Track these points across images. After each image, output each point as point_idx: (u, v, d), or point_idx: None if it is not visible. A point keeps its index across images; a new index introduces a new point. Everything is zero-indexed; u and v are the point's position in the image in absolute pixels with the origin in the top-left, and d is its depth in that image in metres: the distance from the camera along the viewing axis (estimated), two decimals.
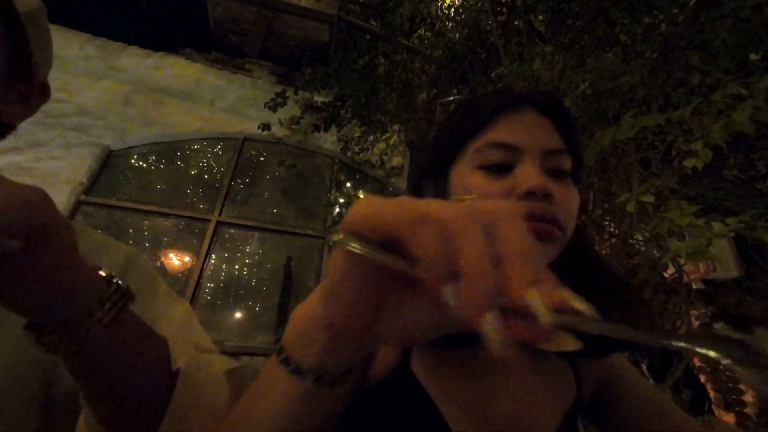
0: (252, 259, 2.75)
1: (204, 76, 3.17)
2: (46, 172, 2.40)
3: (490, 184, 0.42)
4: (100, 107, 2.74)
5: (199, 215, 2.69)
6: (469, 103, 0.50)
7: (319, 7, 3.19)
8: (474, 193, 0.42)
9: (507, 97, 0.46)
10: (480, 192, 0.41)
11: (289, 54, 3.57)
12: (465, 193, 0.44)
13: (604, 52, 1.72)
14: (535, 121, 0.44)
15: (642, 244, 1.74)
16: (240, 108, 3.15)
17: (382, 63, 3.15)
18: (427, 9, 3.02)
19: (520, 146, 0.42)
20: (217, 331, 2.45)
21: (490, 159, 0.42)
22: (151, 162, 2.79)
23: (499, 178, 0.42)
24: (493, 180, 0.42)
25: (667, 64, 1.45)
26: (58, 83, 2.70)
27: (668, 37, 1.50)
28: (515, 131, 0.43)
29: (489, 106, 0.45)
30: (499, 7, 2.32)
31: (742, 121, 0.96)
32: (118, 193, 2.59)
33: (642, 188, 1.13)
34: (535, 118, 0.45)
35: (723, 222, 1.01)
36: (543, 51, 1.69)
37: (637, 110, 1.23)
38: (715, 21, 1.34)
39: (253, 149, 3.11)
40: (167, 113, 2.91)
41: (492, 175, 0.42)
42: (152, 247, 2.53)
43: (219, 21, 3.36)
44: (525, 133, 0.43)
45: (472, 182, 0.43)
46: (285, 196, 3.04)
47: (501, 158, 0.42)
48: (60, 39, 2.84)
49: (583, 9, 1.91)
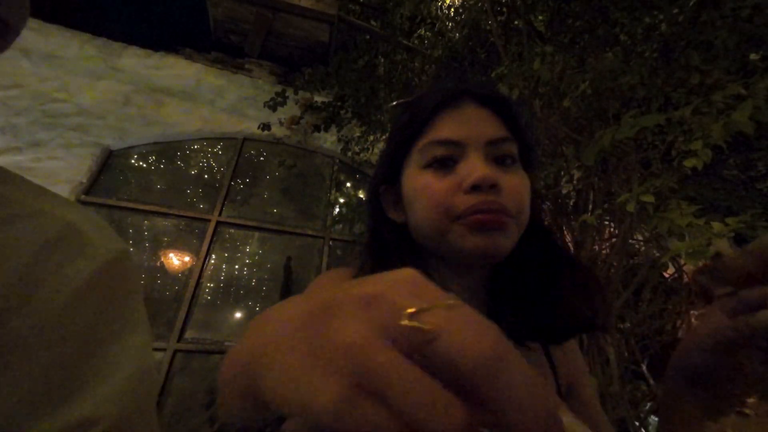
0: (252, 259, 2.75)
1: (204, 76, 3.17)
2: (46, 172, 2.40)
3: (438, 182, 0.42)
4: (100, 107, 2.74)
5: (199, 215, 2.69)
6: (411, 104, 0.50)
7: (319, 7, 3.19)
8: (424, 192, 0.43)
9: (445, 93, 0.46)
10: (429, 190, 0.42)
11: (289, 54, 3.57)
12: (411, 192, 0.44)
13: (604, 52, 1.72)
14: (476, 113, 0.45)
15: (642, 244, 1.74)
16: (240, 108, 3.15)
17: (382, 63, 3.15)
18: (427, 9, 3.02)
19: (462, 140, 0.43)
20: (217, 331, 2.45)
21: (435, 156, 0.43)
22: (151, 162, 2.79)
23: (447, 175, 0.42)
24: (440, 177, 0.42)
25: (667, 64, 1.45)
26: (58, 83, 2.70)
27: (668, 37, 1.50)
28: (456, 126, 0.44)
29: (429, 104, 0.46)
30: (499, 7, 2.32)
31: (742, 121, 0.96)
32: (118, 193, 2.59)
33: (642, 188, 1.13)
34: (476, 111, 0.45)
35: (723, 222, 1.01)
36: (543, 51, 1.69)
37: (637, 110, 1.23)
38: (715, 21, 1.34)
39: (253, 149, 3.11)
40: (167, 113, 2.90)
41: (439, 172, 0.43)
42: (152, 247, 2.53)
43: (219, 21, 3.36)
44: (466, 127, 0.44)
45: (420, 182, 0.43)
46: (285, 196, 3.04)
47: (445, 154, 0.43)
48: (60, 39, 2.84)
49: (583, 9, 1.91)
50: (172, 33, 4.61)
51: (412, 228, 0.47)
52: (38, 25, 2.82)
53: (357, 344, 0.13)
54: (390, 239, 0.48)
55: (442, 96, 0.46)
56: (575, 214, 1.79)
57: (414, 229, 0.46)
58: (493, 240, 0.40)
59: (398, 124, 0.51)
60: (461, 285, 0.47)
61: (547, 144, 1.85)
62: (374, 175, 0.53)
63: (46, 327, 0.29)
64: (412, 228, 0.47)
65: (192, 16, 4.41)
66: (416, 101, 0.50)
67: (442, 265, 0.47)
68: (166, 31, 5.54)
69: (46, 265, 0.30)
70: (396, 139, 0.49)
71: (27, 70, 2.65)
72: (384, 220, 0.50)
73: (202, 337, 2.39)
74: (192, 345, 2.32)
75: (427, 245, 0.46)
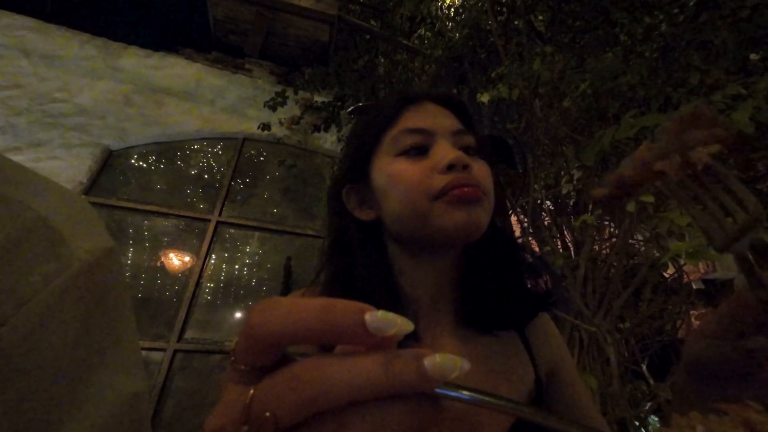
0: (252, 259, 2.75)
1: (204, 76, 3.17)
2: (46, 172, 2.39)
3: (413, 166, 0.44)
4: (100, 107, 2.74)
5: (199, 215, 2.69)
6: (373, 106, 0.54)
7: (319, 7, 3.19)
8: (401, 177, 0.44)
9: (408, 93, 0.51)
10: (405, 174, 0.44)
11: (289, 54, 3.57)
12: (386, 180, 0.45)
13: (604, 52, 1.72)
14: (437, 109, 0.50)
15: (642, 244, 1.74)
16: (240, 108, 3.15)
17: (382, 63, 3.15)
18: (427, 9, 3.01)
19: (432, 129, 0.46)
20: (217, 331, 2.45)
21: (408, 143, 0.46)
22: (151, 162, 2.79)
23: (420, 160, 0.45)
24: (414, 162, 0.45)
25: (667, 64, 1.45)
26: (58, 83, 2.70)
27: (668, 37, 1.50)
28: (424, 118, 0.48)
29: (394, 102, 0.50)
30: (499, 7, 2.32)
31: (742, 121, 0.96)
32: (118, 193, 2.59)
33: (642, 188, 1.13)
34: (436, 108, 0.50)
35: None
36: (543, 51, 1.69)
37: (637, 110, 1.23)
38: (715, 21, 1.34)
39: (253, 149, 3.11)
40: (167, 113, 2.90)
41: (412, 158, 0.45)
42: (152, 247, 2.53)
43: (219, 21, 3.36)
44: (432, 119, 0.48)
45: (396, 168, 0.45)
46: (285, 196, 3.03)
47: (417, 141, 0.46)
48: (60, 39, 2.84)
49: (583, 9, 1.91)
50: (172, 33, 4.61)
51: (388, 218, 0.47)
52: (38, 25, 2.82)
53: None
54: (358, 239, 0.49)
55: (405, 96, 0.50)
56: (575, 214, 1.79)
57: (390, 219, 0.47)
58: (475, 213, 0.42)
59: (363, 123, 0.53)
60: (428, 281, 0.48)
61: (547, 144, 1.85)
62: (337, 178, 0.54)
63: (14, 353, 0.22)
64: (388, 218, 0.47)
65: (192, 16, 4.42)
66: (377, 103, 0.53)
67: (410, 260, 0.48)
68: (166, 31, 5.54)
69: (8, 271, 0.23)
70: (362, 136, 0.51)
71: (27, 70, 2.65)
72: (350, 221, 0.50)
73: (202, 337, 2.39)
74: (192, 345, 2.32)
75: (404, 234, 0.46)
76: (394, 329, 0.14)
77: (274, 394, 0.14)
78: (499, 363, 0.46)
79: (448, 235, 0.43)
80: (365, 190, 0.49)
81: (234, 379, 0.16)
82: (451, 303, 0.48)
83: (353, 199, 0.50)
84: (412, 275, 0.48)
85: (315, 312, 0.14)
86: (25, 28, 2.78)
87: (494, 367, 0.45)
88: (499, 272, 0.49)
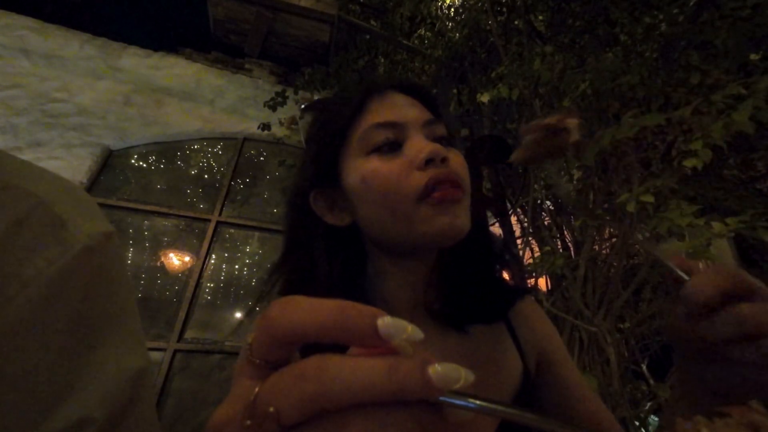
0: (252, 259, 2.75)
1: (204, 76, 3.17)
2: None
3: (388, 164, 0.41)
4: (100, 107, 2.74)
5: (199, 215, 2.69)
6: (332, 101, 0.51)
7: (319, 7, 3.19)
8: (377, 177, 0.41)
9: (370, 85, 0.47)
10: (381, 175, 0.41)
11: (289, 54, 3.57)
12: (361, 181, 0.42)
13: (604, 52, 1.72)
14: (403, 99, 0.46)
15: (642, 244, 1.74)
16: (240, 108, 3.15)
17: (382, 63, 3.15)
18: (427, 9, 3.01)
19: (402, 122, 0.43)
20: (217, 331, 2.45)
21: (379, 139, 0.42)
22: (151, 162, 2.79)
23: (394, 157, 0.42)
24: (389, 159, 0.42)
25: (667, 64, 1.45)
26: (58, 83, 2.70)
27: (668, 37, 1.50)
28: (392, 110, 0.44)
29: (356, 96, 0.46)
30: (499, 7, 2.32)
31: (742, 121, 0.96)
32: (118, 193, 2.59)
33: (642, 188, 1.13)
34: (402, 97, 0.47)
35: (723, 222, 1.01)
36: (543, 51, 1.69)
37: (637, 110, 1.23)
38: (715, 21, 1.34)
39: (253, 149, 3.11)
40: (167, 113, 2.90)
41: (385, 155, 0.42)
42: (152, 247, 2.53)
43: (219, 21, 3.36)
44: (401, 111, 0.44)
45: (369, 168, 0.42)
46: (285, 196, 3.03)
47: (389, 136, 0.43)
48: (60, 39, 2.84)
49: (583, 9, 1.91)
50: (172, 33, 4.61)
51: (365, 222, 0.44)
52: (38, 25, 2.82)
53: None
54: (329, 245, 0.46)
55: (368, 87, 0.47)
56: (575, 214, 1.79)
57: (367, 223, 0.44)
58: (458, 217, 0.41)
59: (323, 120, 0.49)
60: (408, 281, 0.47)
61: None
62: (299, 183, 0.50)
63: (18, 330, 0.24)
64: (365, 222, 0.44)
65: (192, 16, 4.42)
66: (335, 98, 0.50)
67: (390, 263, 0.46)
68: (166, 31, 5.54)
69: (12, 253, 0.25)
70: (324, 135, 0.47)
71: (27, 70, 2.65)
72: (318, 227, 0.47)
73: (202, 337, 2.39)
74: (192, 345, 2.32)
75: (383, 238, 0.44)
76: (404, 335, 0.15)
77: (278, 390, 0.14)
78: (484, 358, 0.45)
79: (433, 240, 0.41)
80: (335, 193, 0.46)
81: (246, 372, 0.16)
82: (430, 302, 0.47)
83: (322, 205, 0.47)
84: (392, 277, 0.47)
85: (331, 312, 0.15)
86: (25, 28, 2.78)
87: (479, 363, 0.44)
88: (474, 266, 0.48)
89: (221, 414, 0.16)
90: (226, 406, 0.16)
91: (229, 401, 0.16)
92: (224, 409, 0.16)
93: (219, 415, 0.16)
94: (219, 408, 0.16)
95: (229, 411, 0.15)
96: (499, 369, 0.45)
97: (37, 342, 0.25)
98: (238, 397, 0.16)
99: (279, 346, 0.16)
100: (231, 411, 0.15)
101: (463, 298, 0.46)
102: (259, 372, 0.16)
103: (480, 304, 0.47)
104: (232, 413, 0.15)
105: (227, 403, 0.16)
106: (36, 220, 0.27)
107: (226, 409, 0.16)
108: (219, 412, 0.16)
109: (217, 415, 0.16)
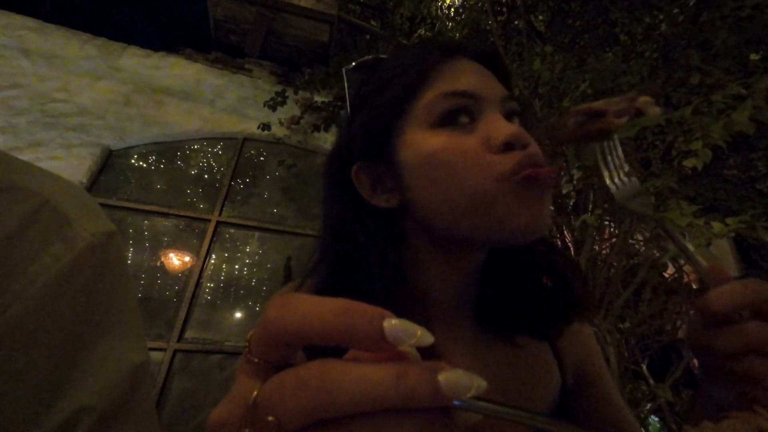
0: (252, 259, 2.75)
1: (204, 76, 3.17)
2: None
3: (458, 142, 0.35)
4: (100, 107, 2.74)
5: (199, 215, 2.69)
6: (391, 61, 0.42)
7: (319, 7, 3.19)
8: (449, 153, 0.35)
9: (439, 46, 0.40)
10: (449, 153, 0.35)
11: (289, 54, 3.57)
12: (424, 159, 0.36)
13: (604, 52, 1.72)
14: (476, 67, 0.39)
15: (642, 244, 1.74)
16: (240, 108, 3.15)
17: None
18: (427, 9, 3.02)
19: (479, 94, 0.36)
20: (217, 331, 2.45)
21: (449, 111, 0.36)
22: (151, 162, 2.79)
23: (467, 134, 0.35)
24: (460, 136, 0.35)
25: (667, 64, 1.45)
26: (58, 83, 2.70)
27: (668, 37, 1.50)
28: (466, 78, 0.37)
29: (423, 57, 0.38)
30: (499, 7, 2.32)
31: (742, 121, 0.96)
32: (118, 193, 2.59)
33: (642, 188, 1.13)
34: (474, 65, 0.39)
35: (723, 222, 1.01)
36: (543, 51, 1.69)
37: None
38: (715, 21, 1.34)
39: (253, 149, 3.11)
40: (167, 113, 2.90)
41: (457, 131, 0.36)
42: (152, 247, 2.53)
43: (219, 21, 3.36)
44: (477, 80, 0.37)
45: (436, 143, 0.35)
46: (285, 196, 3.03)
47: (462, 109, 0.36)
48: (60, 39, 2.84)
49: (583, 9, 1.91)
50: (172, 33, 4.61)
51: (422, 205, 0.37)
52: (38, 25, 2.82)
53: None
54: (370, 229, 0.39)
55: (436, 49, 0.39)
56: (575, 214, 1.79)
57: (425, 207, 0.37)
58: (545, 210, 0.35)
59: (377, 82, 0.41)
60: (454, 279, 0.41)
61: (546, 144, 1.85)
62: (340, 153, 0.42)
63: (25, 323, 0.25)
64: (422, 205, 0.37)
65: (192, 16, 4.41)
66: (397, 56, 0.42)
67: (439, 255, 0.40)
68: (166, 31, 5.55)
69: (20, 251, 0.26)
70: (379, 101, 0.39)
71: (27, 70, 2.65)
72: (359, 207, 0.40)
73: (202, 337, 2.39)
74: (192, 345, 2.32)
75: (441, 226, 0.37)
76: (412, 340, 0.14)
77: (278, 398, 0.13)
78: (521, 370, 0.41)
79: (513, 233, 0.34)
80: (383, 169, 0.39)
81: (246, 371, 0.16)
82: (472, 303, 0.43)
83: (365, 180, 0.40)
84: (436, 273, 0.40)
85: (333, 313, 0.14)
86: (25, 28, 2.78)
87: (516, 375, 0.41)
88: (527, 272, 0.42)
89: (220, 413, 0.15)
90: (224, 405, 0.16)
91: (228, 401, 0.16)
92: (222, 409, 0.16)
93: (217, 415, 0.15)
94: (218, 406, 0.16)
95: (228, 411, 0.15)
96: (537, 380, 0.42)
97: (42, 336, 0.26)
98: (237, 396, 0.15)
99: (277, 347, 0.15)
100: (229, 411, 0.15)
101: (521, 306, 0.41)
102: (259, 371, 0.16)
103: (537, 316, 0.41)
104: (230, 414, 0.15)
105: (226, 402, 0.16)
106: (43, 219, 0.28)
107: (224, 411, 0.15)
108: (218, 411, 0.16)
109: (216, 413, 0.16)
